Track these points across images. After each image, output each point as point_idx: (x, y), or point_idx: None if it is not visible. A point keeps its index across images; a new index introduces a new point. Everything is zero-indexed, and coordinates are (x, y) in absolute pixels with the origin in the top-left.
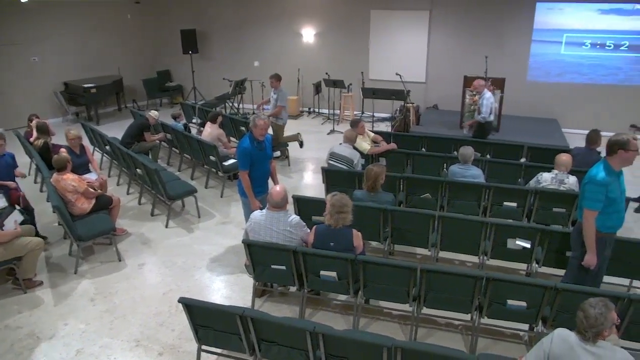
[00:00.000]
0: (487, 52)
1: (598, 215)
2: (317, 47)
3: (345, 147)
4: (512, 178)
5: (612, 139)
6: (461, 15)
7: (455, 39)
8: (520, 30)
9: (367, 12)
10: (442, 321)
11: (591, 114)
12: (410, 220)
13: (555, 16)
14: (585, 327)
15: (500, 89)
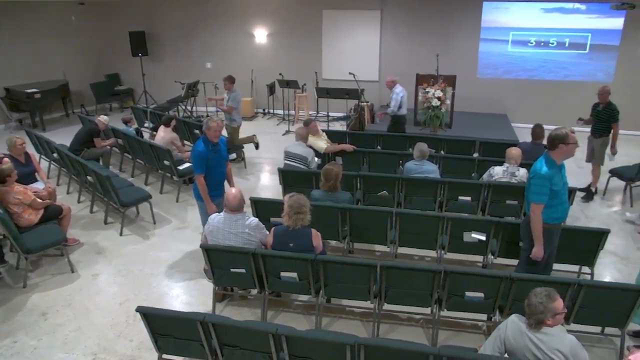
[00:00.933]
0: (438, 50)
1: (545, 209)
2: (270, 48)
3: (299, 145)
4: (466, 173)
5: (552, 134)
6: (411, 14)
7: (407, 37)
8: (468, 28)
9: (319, 12)
10: (404, 316)
11: (538, 109)
12: (369, 218)
13: (501, 15)
14: (529, 314)
15: (452, 86)
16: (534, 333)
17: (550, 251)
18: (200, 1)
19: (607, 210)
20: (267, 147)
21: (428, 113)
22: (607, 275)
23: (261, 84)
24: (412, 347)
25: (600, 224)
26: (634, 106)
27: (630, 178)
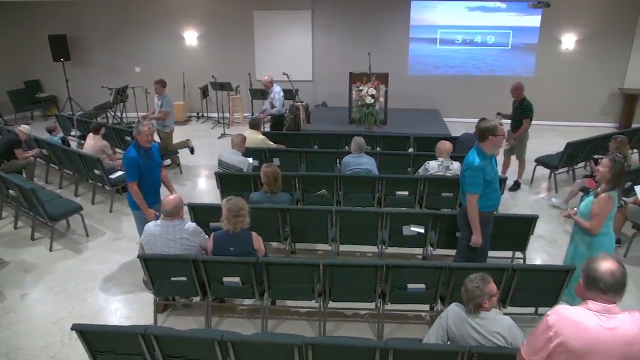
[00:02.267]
0: (369, 49)
1: (479, 198)
2: (201, 50)
3: (234, 155)
4: (402, 168)
5: (482, 127)
6: (342, 13)
7: (339, 36)
8: (398, 27)
9: (249, 13)
10: (349, 313)
11: (467, 104)
12: (309, 218)
13: (429, 13)
14: (467, 300)
15: (385, 83)
16: (473, 318)
17: (486, 238)
18: (125, 4)
19: (535, 197)
20: (202, 151)
21: (362, 111)
22: (538, 258)
23: (194, 87)
24: (359, 342)
25: (529, 211)
26: (553, 98)
27: (554, 166)
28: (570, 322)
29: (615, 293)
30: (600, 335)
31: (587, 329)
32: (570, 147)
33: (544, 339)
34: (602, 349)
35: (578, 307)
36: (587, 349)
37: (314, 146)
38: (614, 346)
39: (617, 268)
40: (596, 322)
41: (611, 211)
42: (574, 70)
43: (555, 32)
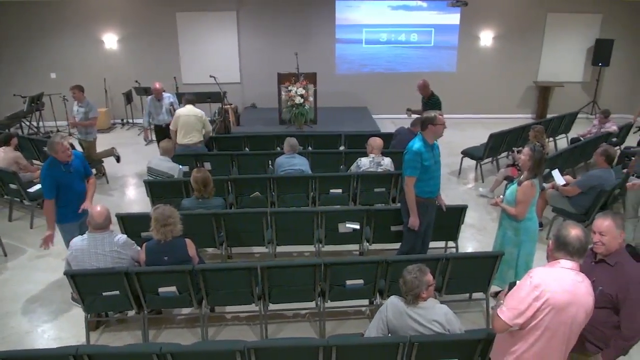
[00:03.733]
0: (296, 49)
1: (418, 183)
2: (122, 54)
3: (164, 161)
4: (335, 166)
5: (422, 117)
6: (267, 14)
7: (265, 37)
8: (324, 26)
9: (172, 14)
10: (290, 313)
11: (394, 100)
12: (244, 221)
13: (353, 13)
14: (405, 291)
15: (313, 83)
16: (412, 309)
17: (427, 224)
18: (39, 7)
19: (463, 187)
20: (129, 159)
21: (292, 111)
22: (469, 246)
23: (116, 93)
24: (301, 342)
25: (458, 201)
26: (475, 93)
27: (479, 157)
28: (553, 280)
29: (579, 256)
30: (577, 288)
31: (567, 283)
32: (492, 138)
33: (531, 299)
34: (579, 300)
35: (552, 267)
36: (568, 302)
37: (245, 148)
38: (586, 297)
39: (583, 234)
40: (571, 277)
41: (534, 197)
42: (492, 65)
43: (474, 29)
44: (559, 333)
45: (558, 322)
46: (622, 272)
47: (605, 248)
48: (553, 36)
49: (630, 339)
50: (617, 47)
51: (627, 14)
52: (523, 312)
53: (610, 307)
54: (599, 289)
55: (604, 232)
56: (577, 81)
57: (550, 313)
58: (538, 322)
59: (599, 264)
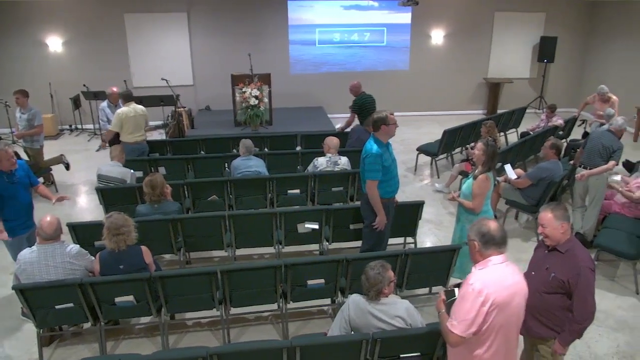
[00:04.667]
0: (250, 50)
1: (379, 184)
2: (68, 57)
3: (115, 166)
4: (292, 167)
5: (374, 117)
6: (219, 15)
7: (218, 38)
8: (277, 27)
9: (120, 16)
10: (252, 317)
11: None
12: (201, 225)
13: (306, 13)
14: (368, 287)
15: (268, 84)
16: (374, 306)
17: (388, 224)
18: None
19: (420, 184)
20: (79, 166)
21: (247, 112)
22: (427, 241)
23: (63, 98)
24: (265, 345)
25: (415, 197)
26: (428, 90)
27: (434, 153)
28: (493, 281)
29: (505, 244)
30: (514, 279)
31: (505, 278)
32: (446, 134)
33: (478, 306)
34: (519, 289)
35: (487, 267)
36: (511, 295)
37: (200, 152)
38: (521, 283)
39: (499, 225)
40: (506, 271)
41: (489, 190)
42: (444, 63)
43: (425, 28)
44: (511, 326)
45: (508, 316)
46: (573, 259)
47: (549, 239)
48: (501, 34)
49: (583, 322)
50: (561, 44)
51: (568, 12)
52: (474, 321)
53: (564, 292)
54: (552, 275)
55: (545, 225)
56: (524, 77)
57: (499, 312)
58: (490, 324)
59: (551, 252)
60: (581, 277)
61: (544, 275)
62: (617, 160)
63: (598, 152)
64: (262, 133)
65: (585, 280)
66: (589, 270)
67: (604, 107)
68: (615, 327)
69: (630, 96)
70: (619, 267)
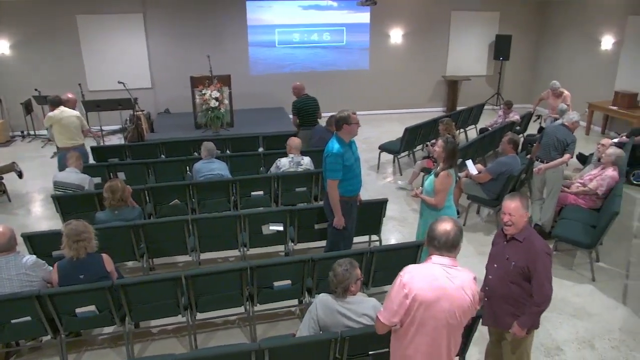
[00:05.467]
0: (209, 51)
1: (342, 183)
2: (18, 61)
3: (72, 173)
4: (255, 168)
5: (336, 117)
6: (176, 16)
7: (176, 40)
8: (236, 27)
9: (72, 17)
10: (219, 321)
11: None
12: (164, 231)
13: (265, 13)
14: (336, 284)
15: (228, 85)
16: (341, 305)
17: (351, 222)
18: None
19: (383, 182)
20: (34, 173)
21: (208, 115)
22: (392, 238)
23: (14, 103)
24: (233, 349)
25: (378, 195)
26: (388, 89)
27: (396, 151)
28: (420, 276)
29: (447, 250)
30: (446, 282)
31: (435, 279)
32: (407, 132)
33: (400, 298)
34: (448, 294)
35: (424, 263)
36: (437, 297)
37: (161, 156)
38: (455, 292)
39: (452, 229)
40: (440, 272)
41: (451, 186)
42: (403, 61)
43: (384, 27)
44: (433, 327)
45: (430, 316)
46: (530, 246)
47: (515, 227)
48: (458, 33)
49: (541, 304)
50: (515, 42)
51: (521, 11)
52: (397, 311)
53: (525, 279)
54: (513, 264)
55: (512, 212)
56: (482, 74)
57: (421, 309)
58: (411, 318)
59: (509, 242)
60: (539, 262)
61: (505, 265)
62: (572, 153)
63: (553, 145)
64: (223, 135)
65: (543, 265)
66: (545, 255)
67: (557, 102)
68: (574, 314)
69: (581, 91)
70: (575, 256)
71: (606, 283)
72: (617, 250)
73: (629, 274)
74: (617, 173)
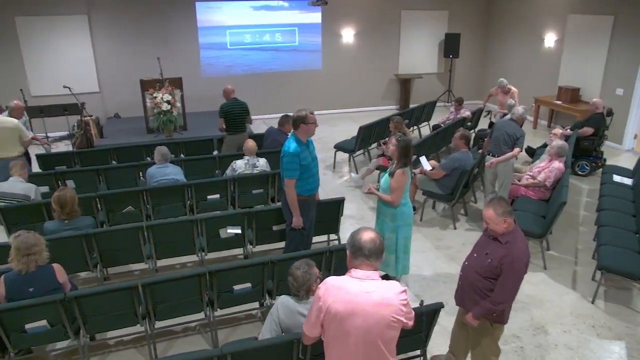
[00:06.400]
0: (159, 53)
1: (299, 182)
2: None
3: (16, 182)
4: (210, 171)
5: (294, 116)
6: (123, 17)
7: (124, 42)
8: (186, 29)
9: (9, 19)
10: (179, 328)
11: (265, 100)
12: (118, 239)
13: (216, 14)
14: (297, 287)
15: (180, 88)
16: (303, 306)
17: (310, 221)
18: None
19: (339, 181)
20: None
21: (160, 118)
22: None
23: None
24: (194, 356)
25: (335, 194)
26: (341, 88)
27: (351, 150)
28: (335, 289)
29: (376, 258)
30: (360, 297)
31: (349, 293)
32: (362, 130)
33: (316, 311)
34: (361, 310)
35: (344, 276)
36: (350, 311)
37: (112, 162)
38: (371, 307)
39: (376, 236)
40: (357, 286)
41: (407, 183)
42: (356, 61)
43: (336, 27)
44: (353, 342)
45: (344, 332)
46: (510, 250)
47: (496, 232)
48: (408, 32)
49: (497, 304)
50: (464, 40)
51: (469, 10)
52: (314, 323)
53: (495, 277)
54: (489, 261)
55: (487, 221)
56: (433, 72)
57: (335, 322)
58: (331, 331)
59: (494, 240)
60: (513, 266)
61: (482, 258)
62: (521, 147)
63: (503, 140)
64: (177, 139)
65: (515, 272)
66: (522, 263)
67: (505, 98)
68: (528, 302)
69: (528, 87)
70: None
71: (557, 270)
72: (566, 239)
73: (577, 260)
74: (564, 165)
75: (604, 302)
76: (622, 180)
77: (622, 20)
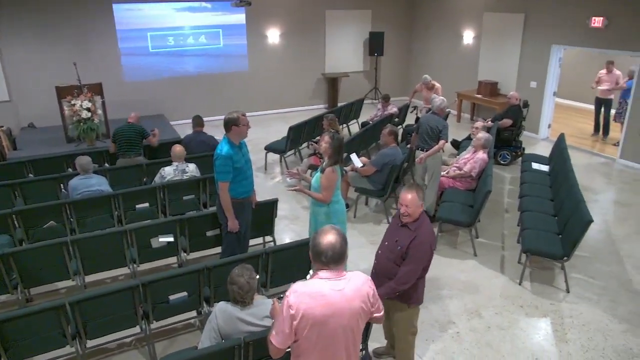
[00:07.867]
0: (75, 58)
1: (233, 185)
2: None
3: None
4: (137, 180)
5: (225, 119)
6: (33, 20)
7: (35, 47)
8: (104, 32)
9: None
10: (113, 345)
11: (193, 103)
12: (40, 256)
13: (135, 17)
14: (243, 295)
15: (100, 94)
16: (245, 312)
17: (246, 223)
18: None
19: (271, 182)
20: None
21: (80, 127)
22: (286, 237)
23: None
24: None
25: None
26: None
27: (282, 151)
28: (306, 295)
29: (335, 263)
30: (334, 298)
31: (322, 296)
32: (292, 130)
33: (288, 320)
34: (337, 310)
35: (312, 279)
36: (326, 314)
37: (28, 175)
38: (344, 304)
39: (337, 240)
40: (328, 287)
41: (337, 181)
42: (283, 61)
43: (261, 28)
44: (327, 345)
45: (324, 336)
46: (418, 237)
47: (411, 217)
48: (333, 31)
49: (400, 284)
50: (387, 38)
51: (391, 8)
52: (289, 334)
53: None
54: (399, 248)
55: (408, 205)
56: (359, 70)
57: (312, 329)
58: (303, 338)
59: (403, 227)
60: (418, 250)
61: (393, 246)
62: (446, 138)
63: (427, 134)
64: (100, 148)
65: (420, 253)
66: (427, 246)
67: (430, 94)
68: (462, 288)
69: (450, 82)
70: (458, 235)
71: (486, 256)
72: (493, 225)
73: (504, 245)
74: (487, 155)
75: (530, 283)
76: (539, 167)
77: (532, 17)
